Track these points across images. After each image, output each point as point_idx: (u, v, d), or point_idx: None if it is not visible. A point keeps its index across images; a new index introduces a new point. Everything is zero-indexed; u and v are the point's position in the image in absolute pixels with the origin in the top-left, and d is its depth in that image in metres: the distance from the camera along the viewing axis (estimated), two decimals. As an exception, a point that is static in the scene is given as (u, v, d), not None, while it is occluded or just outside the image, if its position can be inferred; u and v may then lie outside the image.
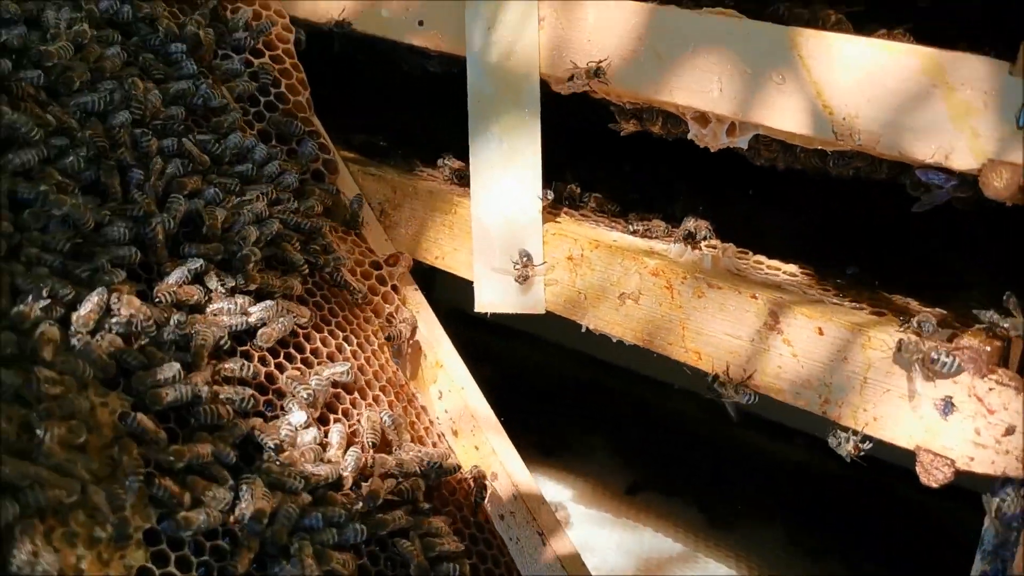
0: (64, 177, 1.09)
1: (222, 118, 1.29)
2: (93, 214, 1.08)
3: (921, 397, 0.99)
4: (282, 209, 1.26)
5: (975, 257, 1.40)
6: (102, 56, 1.21)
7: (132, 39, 1.28)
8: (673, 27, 1.15)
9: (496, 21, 1.28)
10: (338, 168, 1.41)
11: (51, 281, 1.00)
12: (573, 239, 1.25)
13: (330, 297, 1.27)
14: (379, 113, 1.89)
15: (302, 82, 1.43)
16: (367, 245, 1.38)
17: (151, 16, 1.30)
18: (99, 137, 1.14)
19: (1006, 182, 0.94)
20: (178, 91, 1.26)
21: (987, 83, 0.94)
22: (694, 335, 1.15)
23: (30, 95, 1.12)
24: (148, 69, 1.26)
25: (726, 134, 1.17)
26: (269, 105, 1.39)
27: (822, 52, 1.04)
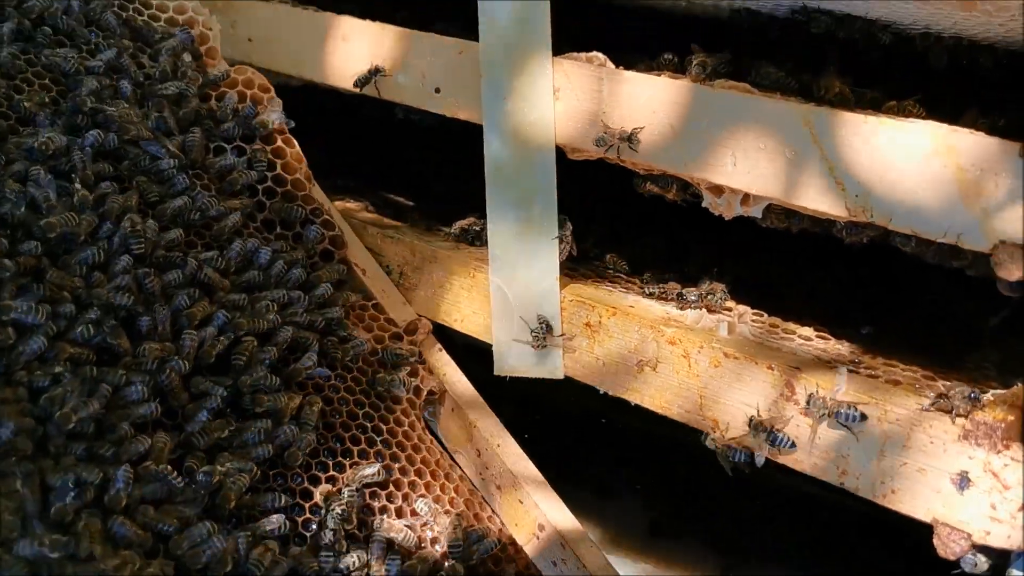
0: (77, 348, 1.11)
1: (222, 224, 1.32)
2: (111, 379, 1.10)
3: (938, 471, 1.01)
4: (292, 312, 1.28)
5: (989, 312, 1.41)
6: (100, 198, 1.22)
7: (123, 163, 1.30)
8: (687, 101, 1.17)
9: (512, 91, 1.30)
10: (345, 241, 1.43)
11: (78, 469, 1.03)
12: (591, 306, 1.27)
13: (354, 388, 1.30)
14: (397, 167, 1.92)
15: (297, 157, 1.45)
16: (386, 315, 1.40)
17: (138, 137, 1.31)
18: (104, 293, 1.15)
19: (1018, 263, 0.95)
20: (175, 210, 1.28)
21: (997, 165, 0.96)
22: (711, 403, 1.17)
23: (31, 266, 1.13)
24: (144, 193, 1.28)
25: (740, 204, 1.19)
26: (268, 190, 1.41)
27: (834, 130, 1.06)
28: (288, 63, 1.61)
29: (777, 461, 1.12)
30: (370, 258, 1.45)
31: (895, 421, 1.04)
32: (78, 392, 1.07)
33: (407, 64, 1.43)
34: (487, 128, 1.33)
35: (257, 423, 1.18)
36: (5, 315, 1.07)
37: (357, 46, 1.49)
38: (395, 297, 1.43)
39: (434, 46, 1.40)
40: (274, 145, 1.44)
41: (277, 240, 1.37)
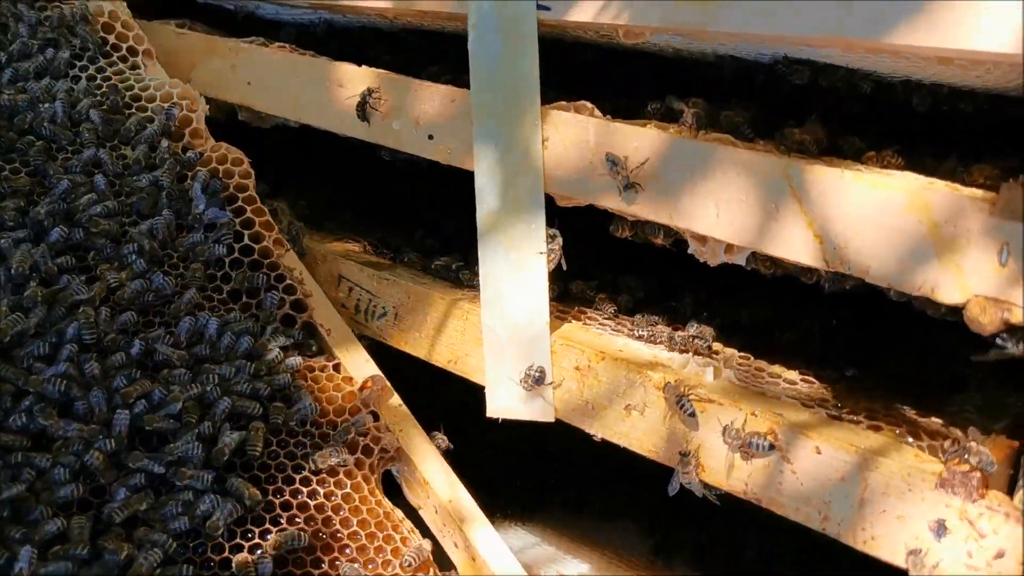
0: (11, 435, 1.17)
1: (178, 303, 1.37)
2: (36, 463, 1.16)
3: (916, 519, 1.03)
4: (234, 382, 1.30)
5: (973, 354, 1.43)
6: (54, 293, 1.31)
7: (90, 253, 1.38)
8: (672, 152, 1.20)
9: (502, 140, 1.33)
10: (308, 304, 1.45)
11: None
12: (580, 350, 1.30)
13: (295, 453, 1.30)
14: (395, 205, 1.96)
15: (266, 225, 1.49)
16: (345, 375, 1.40)
17: (107, 231, 1.40)
18: (39, 381, 1.22)
19: (990, 317, 0.98)
20: (132, 293, 1.34)
21: (970, 221, 0.99)
22: (696, 448, 1.20)
23: None
24: (107, 281, 1.35)
25: (724, 252, 1.22)
26: (235, 261, 1.45)
27: (812, 184, 1.09)
28: (286, 107, 1.65)
29: (760, 505, 1.15)
30: (337, 316, 1.47)
31: (875, 469, 1.06)
32: (2, 476, 1.13)
33: (401, 110, 1.46)
34: (478, 175, 1.36)
35: (178, 496, 1.20)
36: None
37: (353, 92, 1.52)
38: (358, 355, 1.44)
39: (427, 94, 1.43)
40: (243, 216, 1.49)
41: (242, 310, 1.41)
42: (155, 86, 1.62)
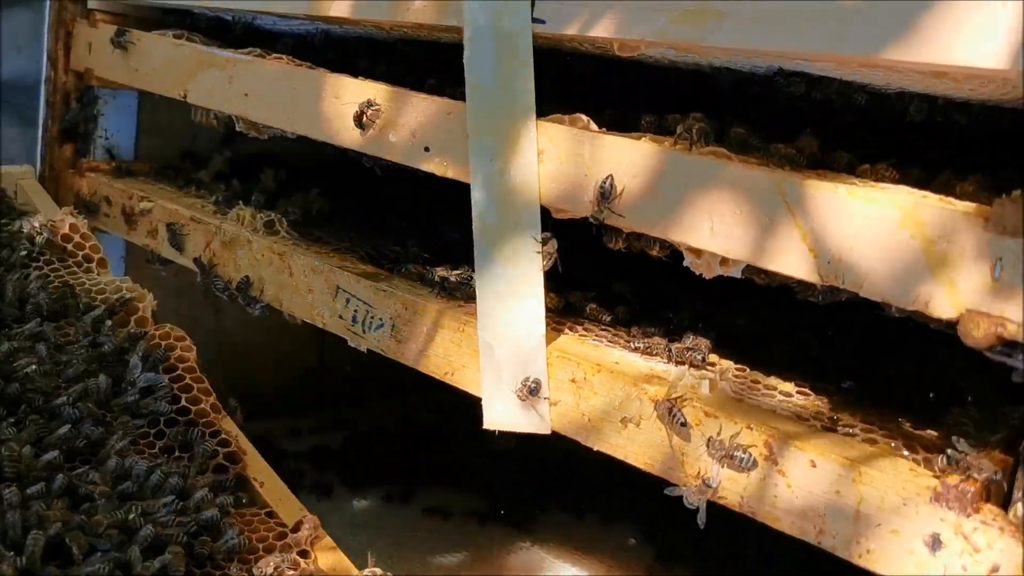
0: None
1: (107, 448, 1.37)
2: None
3: (911, 533, 1.03)
4: (157, 514, 1.28)
5: (971, 362, 1.44)
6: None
7: (21, 407, 1.41)
8: (667, 166, 1.20)
9: (498, 152, 1.34)
10: (241, 457, 1.46)
11: None
12: (576, 363, 1.30)
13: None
14: (393, 214, 1.96)
15: (204, 391, 1.52)
16: (277, 519, 1.39)
17: (42, 388, 1.44)
18: None
19: (984, 332, 0.98)
20: (59, 438, 1.36)
21: (963, 236, 0.99)
22: (693, 461, 1.20)
23: None
24: (37, 430, 1.37)
25: (719, 265, 1.22)
26: (171, 420, 1.47)
27: (806, 199, 1.09)
28: (282, 119, 1.65)
29: (755, 519, 1.15)
30: (269, 470, 1.46)
31: (870, 483, 1.06)
32: None
33: (397, 122, 1.47)
34: (474, 188, 1.36)
35: None
36: None
37: (350, 104, 1.53)
38: (292, 504, 1.43)
39: (424, 106, 1.44)
40: (182, 383, 1.52)
41: (173, 463, 1.41)
42: (106, 282, 1.70)
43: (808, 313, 1.59)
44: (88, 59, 2.06)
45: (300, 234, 1.74)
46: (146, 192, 1.92)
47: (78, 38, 2.07)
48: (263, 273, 1.68)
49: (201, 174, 2.05)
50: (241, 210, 1.76)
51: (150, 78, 1.90)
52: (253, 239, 1.70)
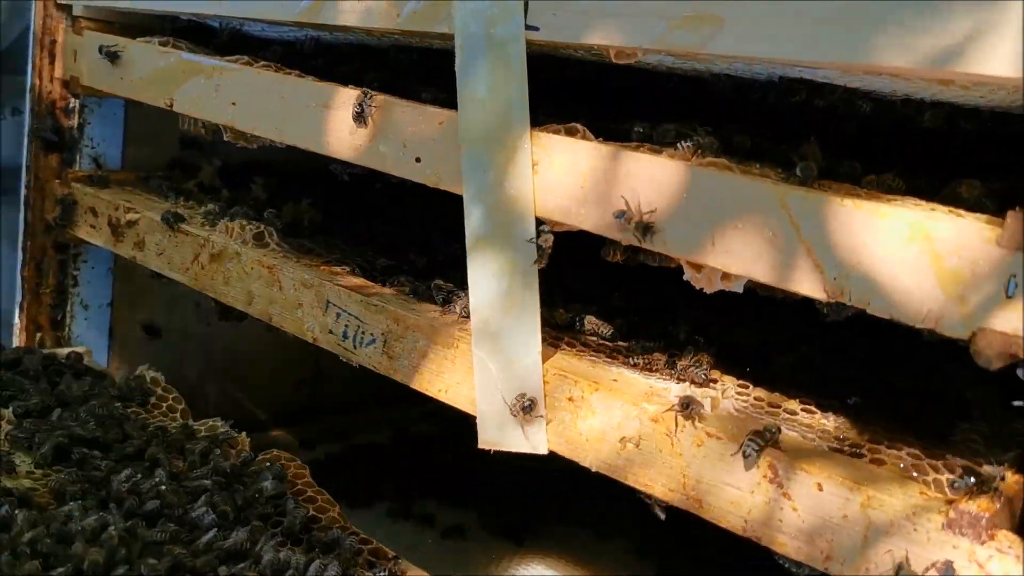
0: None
1: (259, 546, 1.37)
2: None
3: (922, 559, 0.99)
4: None
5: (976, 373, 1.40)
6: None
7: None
8: (666, 179, 1.16)
9: (491, 163, 1.30)
10: (387, 553, 1.44)
11: None
12: (574, 380, 1.26)
13: None
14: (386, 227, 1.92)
15: (329, 501, 1.52)
16: None
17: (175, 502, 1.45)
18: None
19: (997, 351, 0.94)
20: (205, 544, 1.36)
21: (974, 252, 0.95)
22: (695, 483, 1.16)
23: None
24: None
25: (720, 280, 1.18)
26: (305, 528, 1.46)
27: (811, 213, 1.05)
28: (271, 128, 1.61)
29: (760, 544, 1.11)
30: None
31: (879, 507, 1.03)
32: None
33: (388, 132, 1.43)
34: (467, 200, 1.32)
35: None
36: None
37: (339, 113, 1.49)
38: None
39: (414, 115, 1.40)
40: (304, 495, 1.53)
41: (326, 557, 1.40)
42: (200, 423, 1.72)
43: (810, 322, 1.55)
44: (73, 67, 2.01)
45: (290, 246, 1.70)
46: (133, 203, 1.88)
47: (64, 46, 2.03)
48: (252, 287, 1.64)
49: (190, 184, 2.00)
50: (229, 222, 1.72)
51: (136, 86, 1.86)
52: (242, 251, 1.66)
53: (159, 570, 1.27)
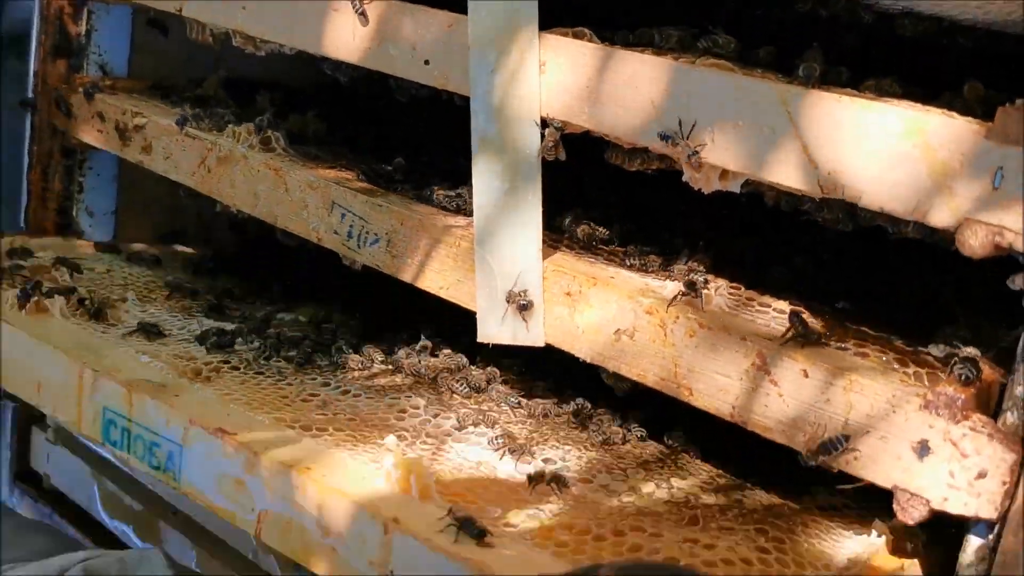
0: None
1: None
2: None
3: (899, 440, 1.05)
4: None
5: (963, 286, 1.45)
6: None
7: None
8: (669, 78, 1.19)
9: (499, 65, 1.33)
10: None
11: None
12: (572, 276, 1.31)
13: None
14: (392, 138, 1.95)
15: None
16: None
17: None
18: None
19: (981, 241, 0.98)
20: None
21: (965, 145, 0.99)
22: (686, 372, 1.21)
23: None
24: None
25: (719, 179, 1.22)
26: None
27: (809, 109, 1.09)
28: (280, 32, 1.63)
29: (746, 428, 1.16)
30: None
31: (860, 391, 1.08)
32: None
33: (397, 36, 1.45)
34: (474, 101, 1.35)
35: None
36: None
37: (347, 16, 1.51)
38: None
39: (424, 19, 1.42)
40: None
41: None
42: None
43: (805, 241, 1.60)
44: (82, -28, 2.02)
45: (296, 152, 1.73)
46: (140, 108, 1.90)
47: (71, -49, 2.03)
48: (258, 189, 1.67)
49: (196, 92, 2.02)
50: (236, 126, 1.74)
51: (145, -9, 1.87)
52: (249, 155, 1.69)
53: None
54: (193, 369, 1.55)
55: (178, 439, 1.38)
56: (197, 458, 1.37)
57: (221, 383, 1.52)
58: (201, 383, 1.50)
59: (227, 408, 1.42)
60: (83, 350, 1.55)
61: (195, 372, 1.54)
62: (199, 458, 1.37)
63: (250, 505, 1.31)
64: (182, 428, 1.38)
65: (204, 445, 1.36)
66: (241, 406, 1.43)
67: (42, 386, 1.58)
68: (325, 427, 1.40)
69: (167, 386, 1.46)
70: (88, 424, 1.50)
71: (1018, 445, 0.99)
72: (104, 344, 1.59)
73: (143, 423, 1.42)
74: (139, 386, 1.44)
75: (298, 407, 1.46)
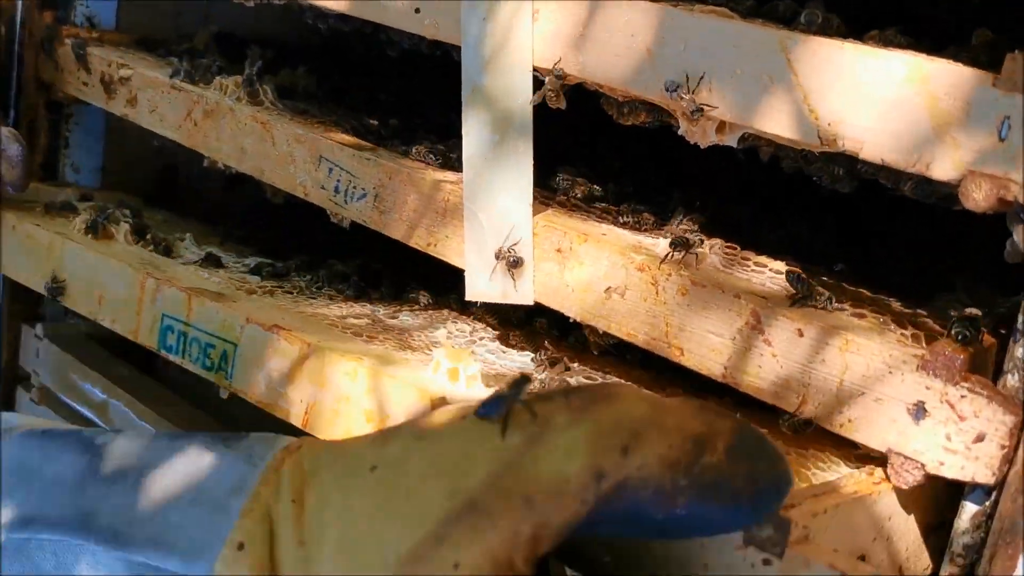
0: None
1: None
2: None
3: (895, 401, 1.01)
4: None
5: (961, 255, 1.41)
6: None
7: None
8: (666, 25, 1.15)
9: (491, 12, 1.28)
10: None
11: None
12: (563, 232, 1.27)
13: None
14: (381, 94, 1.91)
15: None
16: None
17: None
18: None
19: (985, 194, 0.94)
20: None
21: (970, 94, 0.95)
22: (677, 331, 1.17)
23: None
24: None
25: (715, 132, 1.17)
26: None
27: (809, 56, 1.04)
28: (269, -20, 1.58)
29: (739, 389, 1.13)
30: None
31: (856, 351, 1.04)
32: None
33: (388, -17, 1.41)
34: (465, 50, 1.31)
35: None
36: None
37: (338, -36, 1.46)
38: None
39: (416, -35, 1.37)
40: None
41: None
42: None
43: (800, 205, 1.56)
44: (69, -79, 1.97)
45: (285, 107, 1.69)
46: (126, 60, 1.85)
47: (59, -101, 1.98)
48: (245, 143, 1.63)
49: (184, 46, 1.97)
50: (224, 79, 1.70)
51: (133, -61, 1.82)
52: (235, 108, 1.65)
53: None
54: (248, 290, 1.60)
55: (232, 338, 1.43)
56: (250, 355, 1.40)
57: (276, 299, 1.59)
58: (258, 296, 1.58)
59: (281, 312, 1.49)
60: (147, 265, 1.62)
61: (250, 292, 1.60)
62: (252, 355, 1.40)
63: (299, 397, 1.34)
64: (238, 326, 1.42)
65: (258, 341, 1.39)
66: (294, 314, 1.49)
67: (103, 298, 1.62)
68: (375, 335, 1.46)
69: (225, 295, 1.53)
70: (146, 332, 1.55)
71: (1018, 408, 0.95)
72: (167, 263, 1.68)
73: (200, 325, 1.47)
74: (199, 292, 1.50)
75: (349, 322, 1.51)
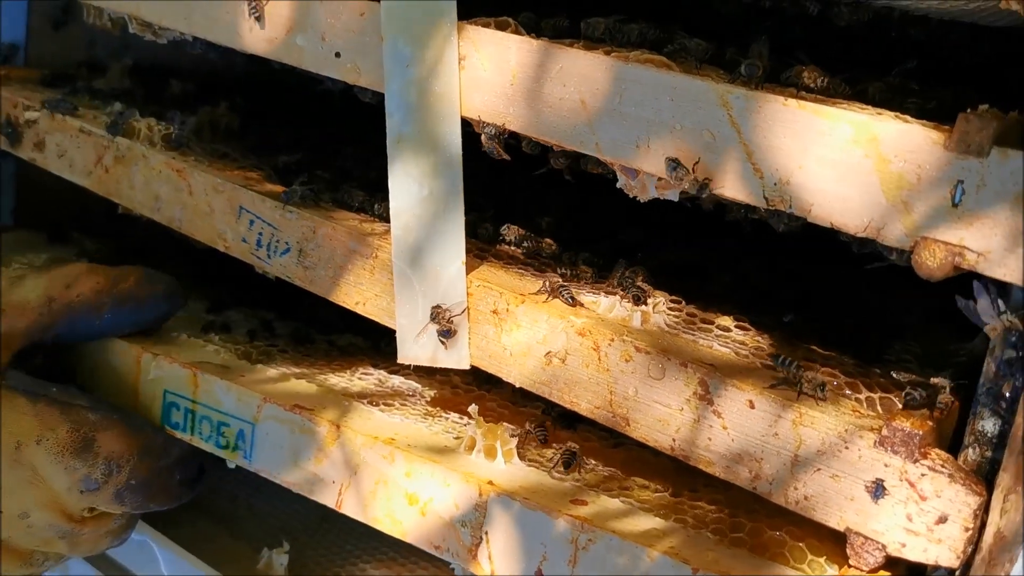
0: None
1: None
2: None
3: (852, 479, 0.96)
4: None
5: (912, 299, 1.36)
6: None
7: None
8: (600, 75, 1.08)
9: (415, 59, 1.20)
10: None
11: None
12: (499, 292, 1.19)
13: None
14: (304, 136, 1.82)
15: None
16: None
17: None
18: None
19: (939, 262, 0.89)
20: None
21: (921, 156, 0.89)
22: (622, 400, 1.10)
23: None
24: None
25: (655, 187, 1.11)
26: None
27: (752, 112, 0.98)
28: (179, 20, 1.48)
29: (689, 464, 1.07)
30: None
31: (810, 424, 0.98)
32: None
33: (306, 24, 1.32)
34: (389, 97, 1.23)
35: None
36: None
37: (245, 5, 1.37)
38: None
39: (334, 7, 1.28)
40: None
41: None
42: None
43: (747, 247, 1.50)
44: (-32, -49, 1.84)
45: (204, 150, 1.59)
46: (33, 101, 1.73)
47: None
48: (160, 191, 1.52)
49: (98, 83, 1.86)
50: (137, 121, 1.59)
51: (36, -27, 1.71)
52: (149, 153, 1.54)
53: None
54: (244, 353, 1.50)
55: (250, 417, 1.33)
56: (272, 435, 1.32)
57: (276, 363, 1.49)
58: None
59: (295, 384, 1.40)
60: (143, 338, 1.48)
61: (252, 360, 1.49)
62: (274, 435, 1.31)
63: (331, 478, 1.26)
64: (255, 406, 1.33)
65: (279, 420, 1.31)
66: (304, 383, 1.41)
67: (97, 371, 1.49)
68: (391, 402, 1.38)
69: (230, 368, 1.43)
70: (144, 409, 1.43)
71: (981, 487, 0.90)
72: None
73: (209, 404, 1.37)
74: (205, 368, 1.39)
75: (358, 386, 1.44)
